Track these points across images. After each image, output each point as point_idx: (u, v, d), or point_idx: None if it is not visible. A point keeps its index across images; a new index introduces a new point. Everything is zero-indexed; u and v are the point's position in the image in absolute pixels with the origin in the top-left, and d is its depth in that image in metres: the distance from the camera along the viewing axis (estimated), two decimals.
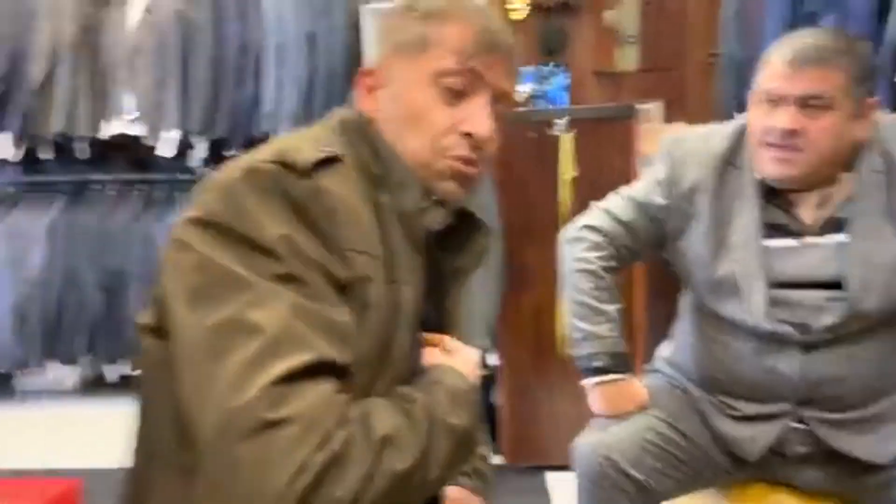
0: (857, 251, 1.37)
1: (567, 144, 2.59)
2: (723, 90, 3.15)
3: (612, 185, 1.65)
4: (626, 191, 1.60)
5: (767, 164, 1.38)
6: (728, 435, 1.47)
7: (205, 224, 0.79)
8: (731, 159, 1.47)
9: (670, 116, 3.61)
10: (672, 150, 1.52)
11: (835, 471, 1.44)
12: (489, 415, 2.93)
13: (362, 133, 0.94)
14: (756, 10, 2.84)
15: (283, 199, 0.79)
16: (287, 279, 0.77)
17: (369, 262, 0.83)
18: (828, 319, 1.37)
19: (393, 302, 0.86)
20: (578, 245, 1.58)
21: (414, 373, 0.89)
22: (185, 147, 3.03)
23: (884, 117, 1.44)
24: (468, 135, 0.92)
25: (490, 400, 2.80)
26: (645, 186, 1.56)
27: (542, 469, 2.75)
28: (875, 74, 1.39)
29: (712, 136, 1.50)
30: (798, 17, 2.47)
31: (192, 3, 3.01)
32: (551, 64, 3.35)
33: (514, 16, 3.40)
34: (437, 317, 0.98)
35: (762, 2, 2.77)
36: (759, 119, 1.38)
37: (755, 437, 1.45)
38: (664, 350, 1.70)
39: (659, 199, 1.52)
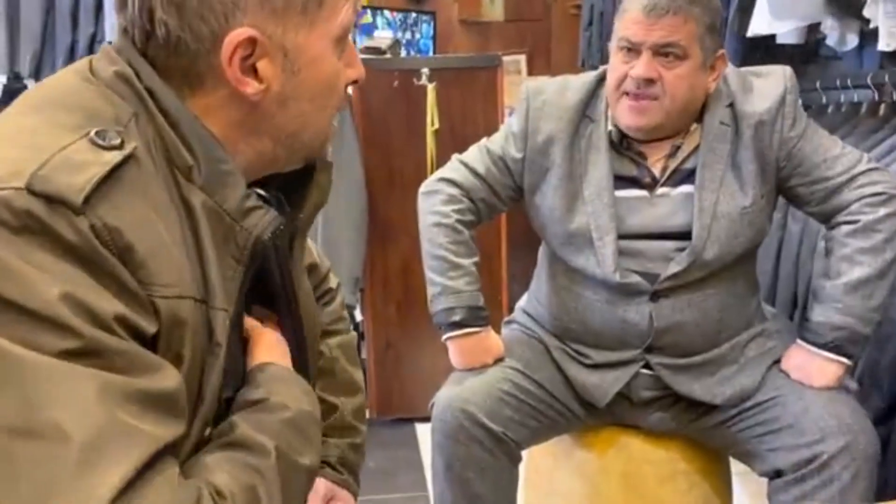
0: (702, 201, 1.39)
1: (430, 95, 2.54)
2: (585, 41, 3.20)
3: (477, 137, 1.62)
4: (484, 143, 1.58)
5: (624, 114, 1.39)
6: (579, 382, 1.51)
7: None
8: (586, 111, 1.47)
9: (536, 67, 3.65)
10: (530, 102, 1.50)
11: (677, 412, 1.50)
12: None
13: (159, 101, 0.69)
14: None
15: (55, 245, 0.58)
16: (82, 353, 0.57)
17: (181, 303, 0.65)
18: (673, 268, 1.40)
19: (206, 335, 0.69)
20: (434, 198, 1.55)
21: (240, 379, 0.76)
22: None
23: (731, 69, 1.47)
24: (353, 82, 0.80)
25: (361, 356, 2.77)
26: (501, 139, 1.54)
27: (411, 421, 2.77)
28: (722, 27, 1.42)
29: (569, 87, 1.50)
30: None
31: None
32: (415, 13, 3.28)
33: None
34: (272, 293, 0.83)
35: None
36: (616, 68, 1.39)
37: (604, 384, 1.49)
38: (523, 301, 1.72)
39: (514, 152, 1.51)
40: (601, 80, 1.47)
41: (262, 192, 0.77)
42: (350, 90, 0.84)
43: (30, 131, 0.63)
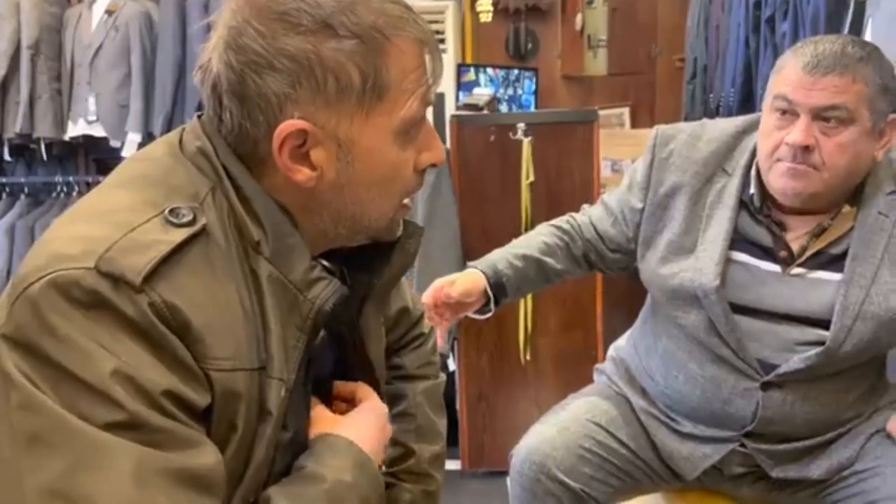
0: (847, 298, 1.26)
1: (526, 149, 2.58)
2: (689, 94, 3.16)
3: (572, 190, 1.63)
4: (606, 197, 1.53)
5: (780, 178, 1.24)
6: (667, 450, 1.44)
7: (21, 347, 0.62)
8: (722, 164, 1.36)
9: (640, 120, 3.63)
10: (656, 152, 1.41)
11: (771, 485, 1.42)
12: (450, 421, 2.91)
13: (233, 177, 0.73)
14: (719, 16, 2.85)
15: (113, 319, 0.63)
16: (126, 427, 0.61)
17: (235, 376, 0.68)
18: (796, 364, 1.28)
19: (259, 405, 0.71)
20: (544, 226, 1.57)
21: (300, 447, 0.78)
22: None
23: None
24: (432, 165, 0.80)
25: (451, 405, 2.79)
26: (623, 189, 1.47)
27: (502, 474, 2.73)
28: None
29: (704, 135, 1.38)
30: (757, 24, 2.48)
31: (155, 4, 3.00)
32: (517, 69, 3.35)
33: (483, 18, 3.40)
34: (348, 355, 0.87)
35: (724, 8, 2.79)
36: (770, 134, 1.25)
37: (695, 458, 1.42)
38: (621, 342, 1.63)
39: (635, 202, 1.43)
40: (743, 131, 1.36)
41: (326, 263, 0.79)
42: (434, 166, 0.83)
43: (113, 208, 0.69)
